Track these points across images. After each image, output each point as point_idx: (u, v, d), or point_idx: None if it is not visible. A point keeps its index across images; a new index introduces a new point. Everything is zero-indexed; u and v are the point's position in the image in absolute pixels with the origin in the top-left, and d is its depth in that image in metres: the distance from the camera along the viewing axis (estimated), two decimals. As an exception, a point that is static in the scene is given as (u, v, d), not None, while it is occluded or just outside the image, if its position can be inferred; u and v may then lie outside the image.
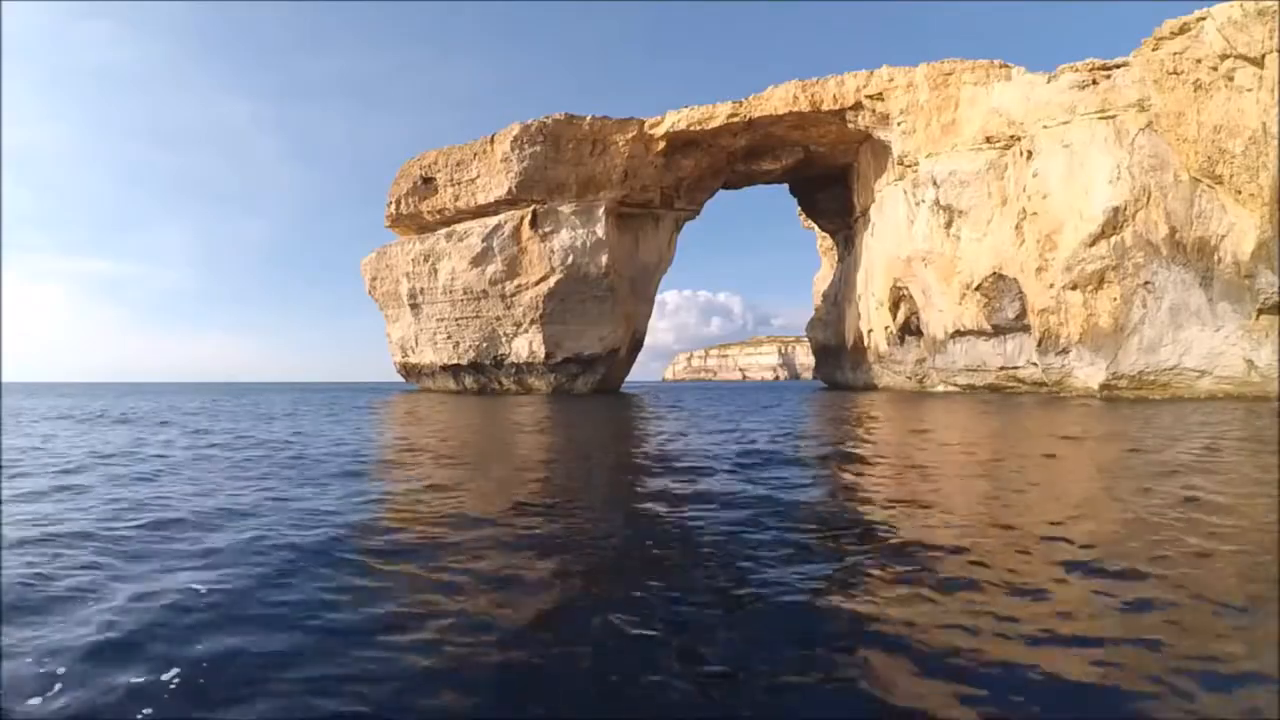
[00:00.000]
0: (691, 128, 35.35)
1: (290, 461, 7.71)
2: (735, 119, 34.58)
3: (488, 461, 7.82)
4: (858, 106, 32.26)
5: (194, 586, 2.95)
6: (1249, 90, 19.16)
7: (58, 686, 2.04)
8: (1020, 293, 25.89)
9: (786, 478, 6.29)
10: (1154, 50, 21.87)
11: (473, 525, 4.22)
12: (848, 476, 6.55)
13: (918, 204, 30.11)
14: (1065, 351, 23.93)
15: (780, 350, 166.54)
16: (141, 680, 2.09)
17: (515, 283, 37.48)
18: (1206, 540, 3.65)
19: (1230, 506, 4.60)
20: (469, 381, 41.41)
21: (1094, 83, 23.34)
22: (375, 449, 9.32)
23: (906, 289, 32.52)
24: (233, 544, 3.72)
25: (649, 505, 5.07)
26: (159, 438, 11.03)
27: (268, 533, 4.01)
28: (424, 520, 4.39)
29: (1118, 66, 23.03)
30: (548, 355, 37.12)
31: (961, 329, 28.92)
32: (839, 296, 44.33)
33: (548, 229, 36.47)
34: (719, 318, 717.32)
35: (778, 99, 33.82)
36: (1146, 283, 21.72)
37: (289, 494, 5.43)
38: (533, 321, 37.22)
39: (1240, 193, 19.56)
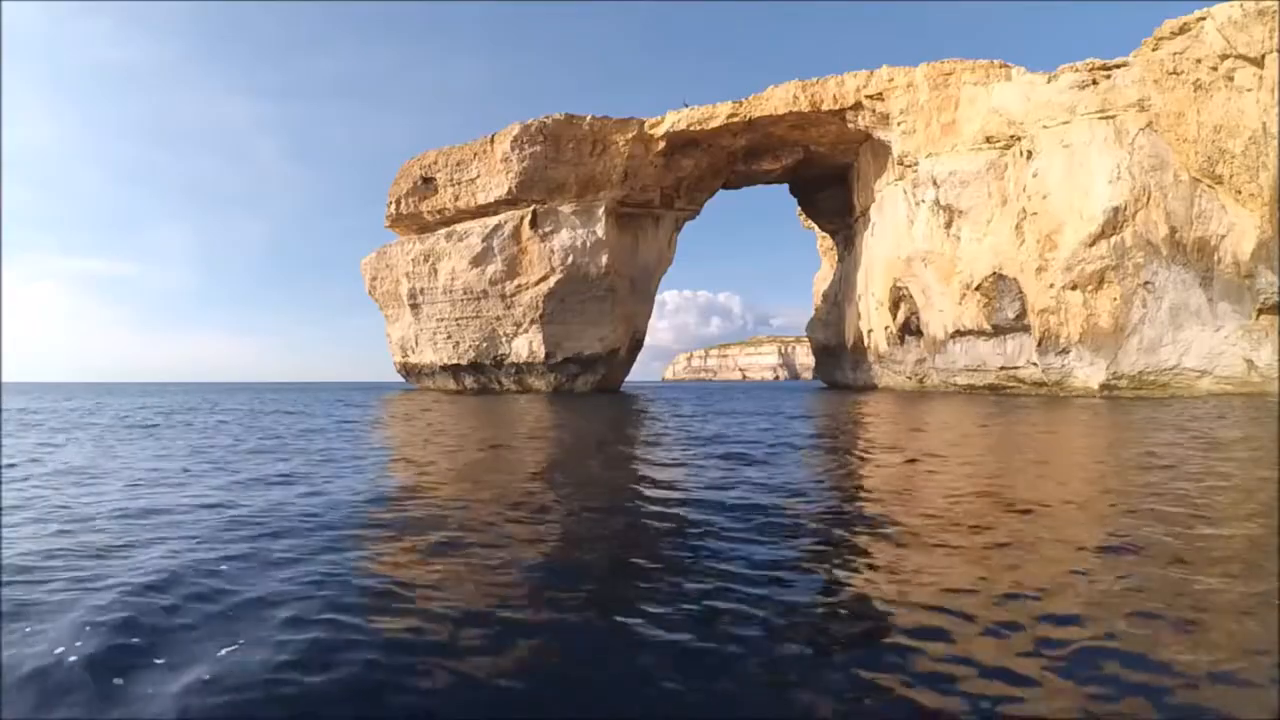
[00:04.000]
0: (691, 128, 35.35)
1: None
2: (735, 119, 34.57)
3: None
4: (858, 106, 32.26)
5: None
6: (1249, 90, 19.18)
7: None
8: (1020, 293, 25.89)
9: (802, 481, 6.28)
10: (1154, 50, 21.90)
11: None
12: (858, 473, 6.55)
13: (918, 204, 30.12)
14: (1065, 351, 23.93)
15: (780, 350, 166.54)
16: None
17: (515, 283, 37.47)
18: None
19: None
20: (469, 381, 41.41)
21: (1094, 83, 23.35)
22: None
23: (906, 289, 32.53)
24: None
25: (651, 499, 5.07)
26: None
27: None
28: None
29: (1118, 66, 23.03)
30: (548, 355, 37.12)
31: (961, 329, 28.92)
32: (839, 296, 44.34)
33: (548, 229, 36.47)
34: (719, 318, 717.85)
35: (778, 99, 33.82)
36: (1146, 283, 21.74)
37: None
38: (533, 321, 37.22)
39: (1240, 193, 19.59)
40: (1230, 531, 3.88)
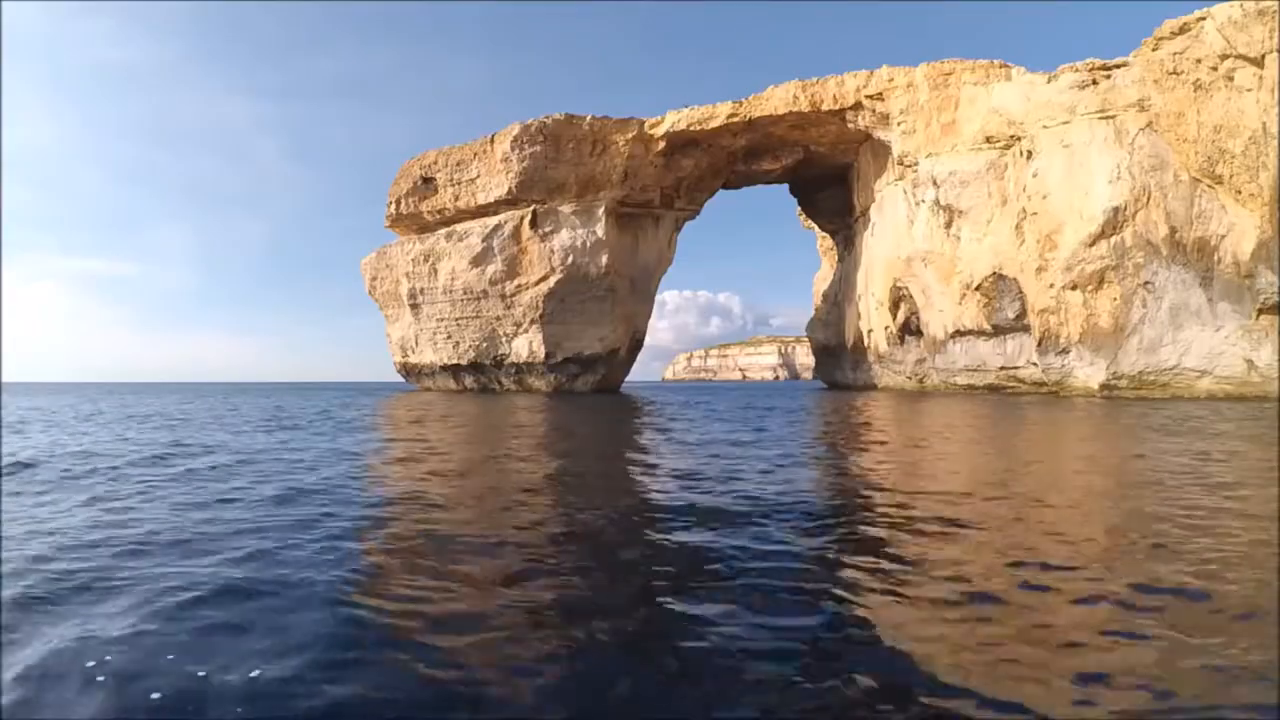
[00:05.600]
0: (691, 128, 35.35)
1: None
2: (735, 119, 34.57)
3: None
4: (858, 106, 32.26)
5: None
6: (1249, 90, 19.17)
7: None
8: (1020, 293, 25.88)
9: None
10: (1154, 50, 21.89)
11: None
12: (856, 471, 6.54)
13: (918, 204, 30.11)
14: (1065, 351, 23.93)
15: (780, 350, 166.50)
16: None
17: (515, 283, 37.47)
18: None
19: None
20: (469, 381, 41.40)
21: (1094, 83, 23.34)
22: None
23: (906, 289, 32.52)
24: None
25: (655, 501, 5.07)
26: None
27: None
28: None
29: (1118, 66, 23.03)
30: (548, 355, 37.10)
31: (961, 329, 28.92)
32: (839, 296, 44.32)
33: (548, 229, 36.46)
34: (719, 318, 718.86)
35: (778, 99, 33.82)
36: (1146, 283, 21.73)
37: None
38: (533, 321, 37.21)
39: (1240, 193, 19.57)
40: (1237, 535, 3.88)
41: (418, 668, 2.19)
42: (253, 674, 2.12)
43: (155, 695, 1.99)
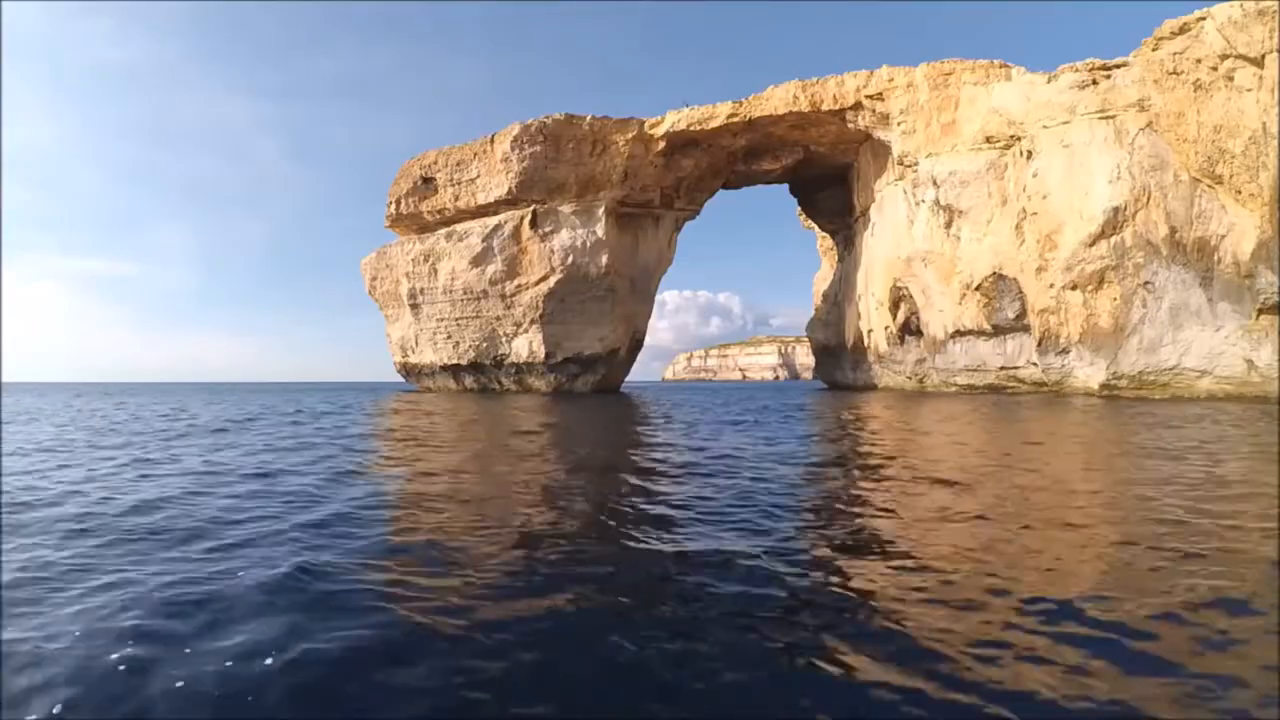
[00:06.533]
0: (691, 128, 35.34)
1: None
2: (735, 119, 34.56)
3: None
4: (858, 106, 32.25)
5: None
6: (1249, 90, 19.16)
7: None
8: (1020, 293, 25.88)
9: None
10: (1154, 50, 21.88)
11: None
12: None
13: (918, 204, 30.11)
14: (1065, 351, 23.93)
15: (780, 350, 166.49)
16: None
17: (515, 283, 37.46)
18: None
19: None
20: (469, 381, 41.40)
21: (1094, 83, 23.34)
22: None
23: (906, 289, 32.51)
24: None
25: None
26: None
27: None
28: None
29: (1118, 66, 23.02)
30: (548, 355, 37.10)
31: (961, 329, 28.91)
32: (839, 296, 44.31)
33: (548, 229, 36.45)
34: (719, 318, 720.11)
35: (778, 99, 33.80)
36: (1146, 283, 21.72)
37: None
38: (533, 321, 37.21)
39: (1240, 193, 19.56)
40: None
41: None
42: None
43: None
